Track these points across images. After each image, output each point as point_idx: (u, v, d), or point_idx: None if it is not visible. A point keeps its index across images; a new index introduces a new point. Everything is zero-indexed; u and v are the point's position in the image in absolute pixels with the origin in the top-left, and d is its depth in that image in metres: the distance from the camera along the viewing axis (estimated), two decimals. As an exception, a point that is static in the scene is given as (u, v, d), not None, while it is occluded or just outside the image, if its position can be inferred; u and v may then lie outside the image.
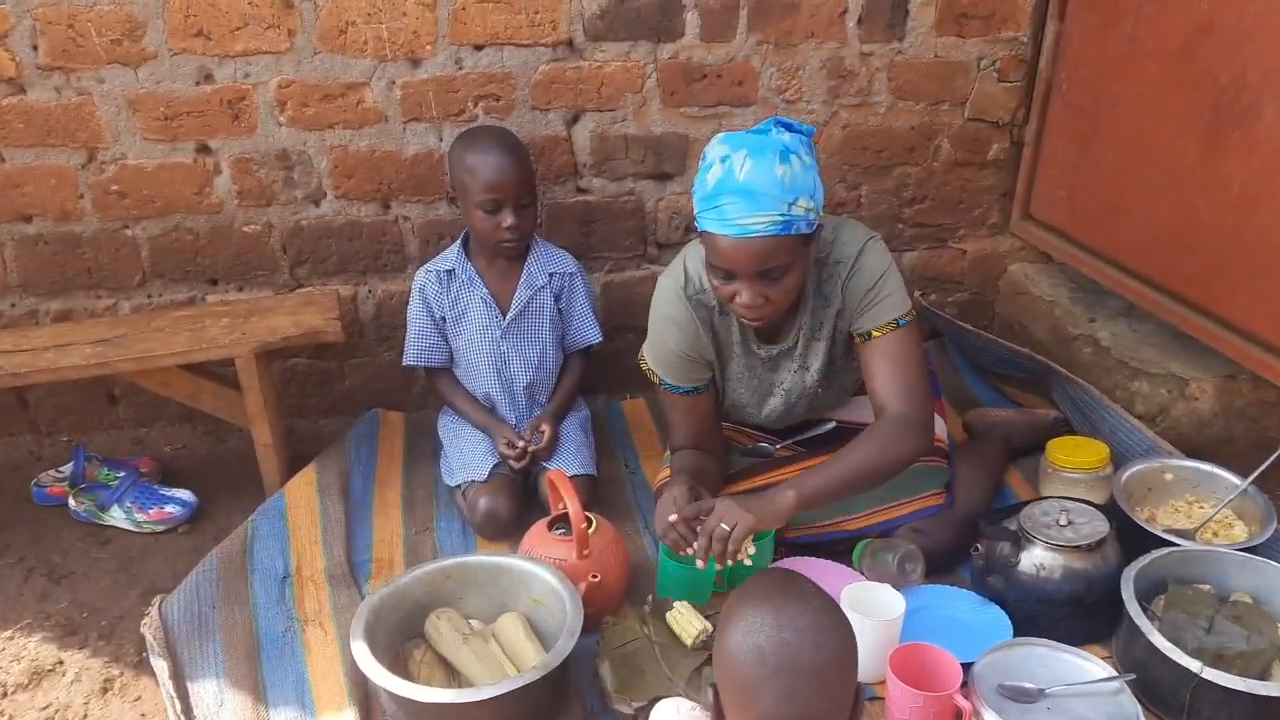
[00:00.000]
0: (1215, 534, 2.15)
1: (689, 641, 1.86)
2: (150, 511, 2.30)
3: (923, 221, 2.83)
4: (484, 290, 2.35)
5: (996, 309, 2.98)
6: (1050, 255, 2.86)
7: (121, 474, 2.36)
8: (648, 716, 1.70)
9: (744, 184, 1.80)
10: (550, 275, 2.39)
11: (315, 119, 2.44)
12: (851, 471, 1.97)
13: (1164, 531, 2.09)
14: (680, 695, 1.73)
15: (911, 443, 1.99)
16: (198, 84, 2.38)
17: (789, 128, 1.89)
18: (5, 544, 2.28)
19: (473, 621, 1.92)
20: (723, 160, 1.84)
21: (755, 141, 1.84)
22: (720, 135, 1.91)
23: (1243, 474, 2.14)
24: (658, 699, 1.72)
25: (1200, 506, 2.22)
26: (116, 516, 2.30)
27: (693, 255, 2.07)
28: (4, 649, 1.98)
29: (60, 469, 2.43)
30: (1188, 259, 2.32)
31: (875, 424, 2.01)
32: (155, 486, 2.36)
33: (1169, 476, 2.26)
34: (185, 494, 2.35)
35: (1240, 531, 2.14)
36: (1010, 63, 2.67)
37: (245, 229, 2.53)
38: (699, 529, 1.89)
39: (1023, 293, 2.87)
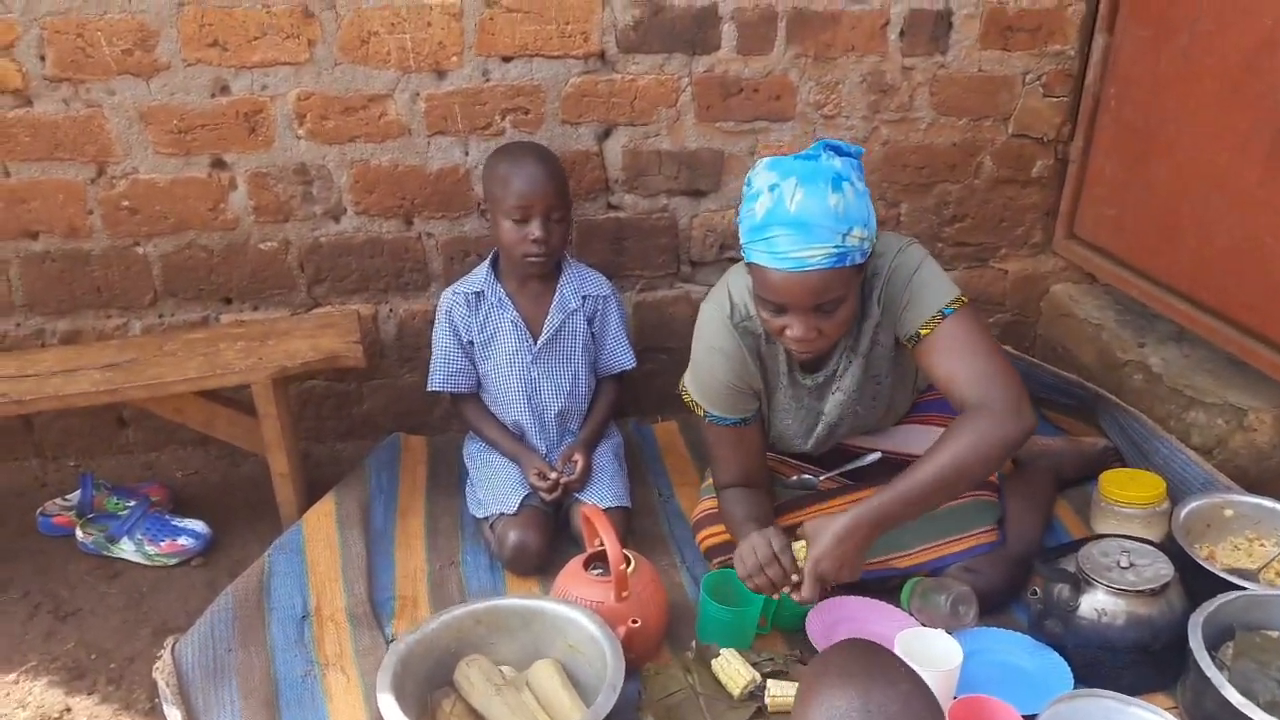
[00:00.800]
0: (1279, 574, 2.05)
1: (736, 693, 1.76)
2: (162, 544, 2.19)
3: (963, 240, 2.73)
4: (515, 313, 2.25)
5: (1038, 331, 2.88)
6: (1094, 276, 2.76)
7: (131, 503, 2.26)
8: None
9: (796, 215, 1.69)
10: (584, 298, 2.29)
11: (335, 132, 2.34)
12: (940, 471, 1.75)
13: (1225, 572, 1.99)
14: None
15: (1004, 428, 1.76)
16: (212, 96, 2.27)
17: (838, 151, 1.79)
18: (8, 578, 2.17)
19: (504, 669, 1.81)
20: (771, 189, 1.73)
21: (805, 169, 1.73)
22: (766, 160, 1.80)
23: (1308, 510, 2.05)
24: (706, 756, 1.63)
25: (1261, 544, 2.13)
26: (127, 549, 2.20)
27: (736, 281, 1.96)
28: (9, 694, 1.88)
29: (67, 497, 2.33)
30: (1247, 284, 2.22)
31: (955, 421, 1.80)
32: (167, 517, 2.26)
33: (1229, 513, 2.16)
34: (198, 525, 2.25)
35: (1307, 572, 2.05)
36: (1056, 77, 2.58)
37: (261, 246, 2.43)
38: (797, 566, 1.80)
39: (1066, 315, 2.76)
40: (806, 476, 2.18)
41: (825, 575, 1.79)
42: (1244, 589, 1.91)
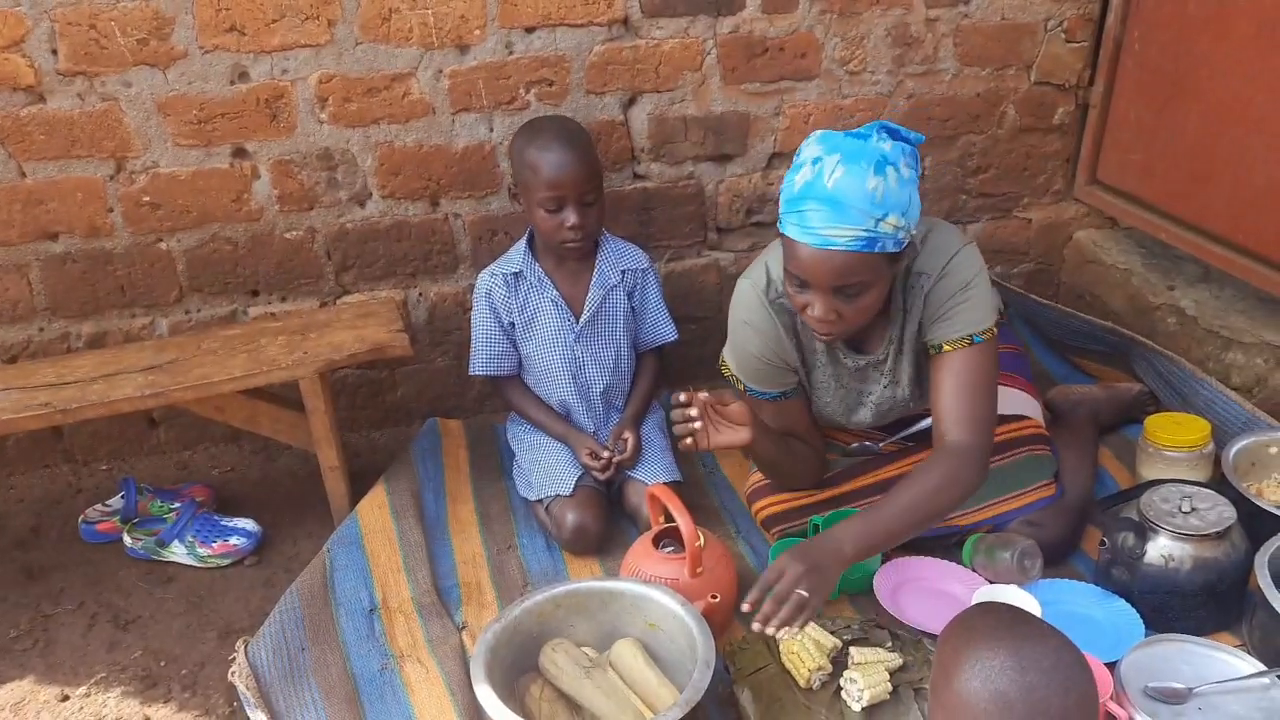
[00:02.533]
0: (1326, 507, 2.09)
1: (802, 681, 1.72)
2: (214, 545, 2.16)
3: (987, 192, 2.72)
4: (554, 293, 2.22)
5: (1062, 278, 2.89)
6: (1117, 220, 2.76)
7: (177, 505, 2.22)
8: (794, 748, 1.62)
9: (831, 192, 1.67)
10: (623, 273, 2.26)
11: (359, 115, 2.28)
12: (908, 511, 1.77)
13: (1276, 508, 2.02)
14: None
15: (971, 479, 1.81)
16: (232, 83, 2.21)
17: (893, 134, 1.76)
18: (59, 588, 2.14)
19: (587, 650, 1.81)
20: (814, 162, 1.71)
21: (852, 147, 1.70)
22: (818, 134, 1.77)
23: (1349, 444, 2.08)
24: (807, 730, 1.64)
25: (1305, 479, 2.16)
26: (178, 552, 2.16)
27: (774, 257, 1.94)
28: (82, 707, 1.85)
29: (107, 503, 2.29)
30: (1286, 224, 2.23)
31: (934, 456, 1.83)
32: (216, 517, 2.22)
33: (1274, 450, 2.18)
34: (249, 523, 2.21)
35: (1352, 505, 2.08)
36: (1078, 22, 2.56)
37: (287, 235, 2.37)
38: (770, 592, 1.64)
39: (1092, 261, 2.77)
40: (867, 444, 2.18)
41: (805, 608, 1.63)
42: (1301, 525, 1.94)
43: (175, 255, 2.34)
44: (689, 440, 1.86)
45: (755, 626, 1.61)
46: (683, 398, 1.85)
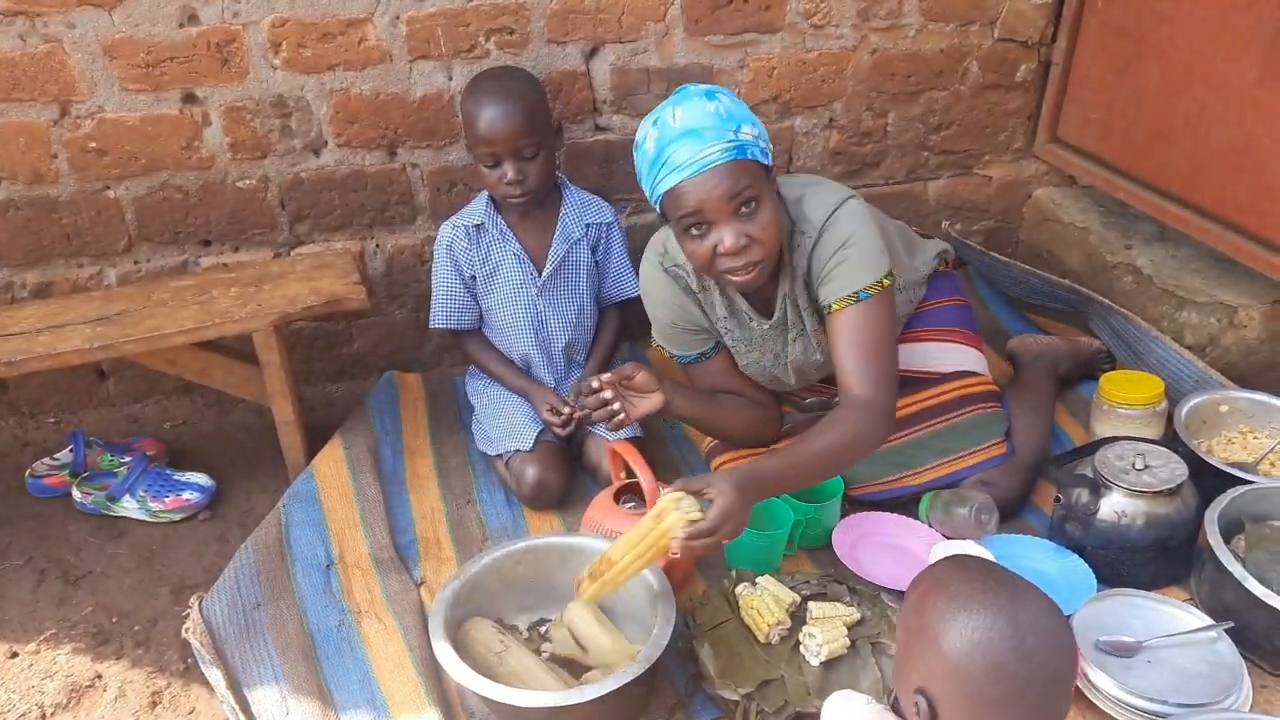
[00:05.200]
0: (1274, 465, 2.13)
1: (761, 637, 1.74)
2: (166, 499, 2.12)
3: (949, 149, 2.72)
4: (517, 246, 2.19)
5: (1021, 236, 2.90)
6: (1076, 179, 2.78)
7: (128, 459, 2.18)
8: (752, 703, 1.63)
9: (682, 128, 1.74)
10: (587, 226, 2.23)
11: (313, 61, 2.22)
12: (808, 462, 1.76)
13: (1228, 466, 2.06)
14: (783, 677, 1.66)
15: (874, 433, 1.82)
16: (181, 26, 2.13)
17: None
18: (6, 543, 2.09)
19: (521, 621, 1.83)
20: (655, 123, 1.79)
21: (676, 98, 1.80)
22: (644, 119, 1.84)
23: (1292, 400, 2.12)
24: (765, 683, 1.65)
25: (1255, 437, 2.20)
26: (129, 507, 2.12)
27: (668, 234, 1.97)
28: (31, 664, 1.82)
29: (55, 456, 2.24)
30: (1241, 184, 2.24)
31: (837, 411, 1.83)
32: (168, 471, 2.18)
33: (1224, 408, 2.22)
34: (201, 478, 2.18)
35: (1300, 461, 2.13)
36: (1043, -21, 2.55)
37: (239, 184, 2.31)
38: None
39: (1051, 219, 2.79)
40: (823, 398, 2.18)
41: (721, 538, 1.61)
42: (1251, 482, 1.98)
43: (124, 203, 2.27)
44: (619, 419, 1.89)
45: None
46: (593, 384, 1.90)
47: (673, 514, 1.58)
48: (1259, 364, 2.36)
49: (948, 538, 2.01)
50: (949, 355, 2.23)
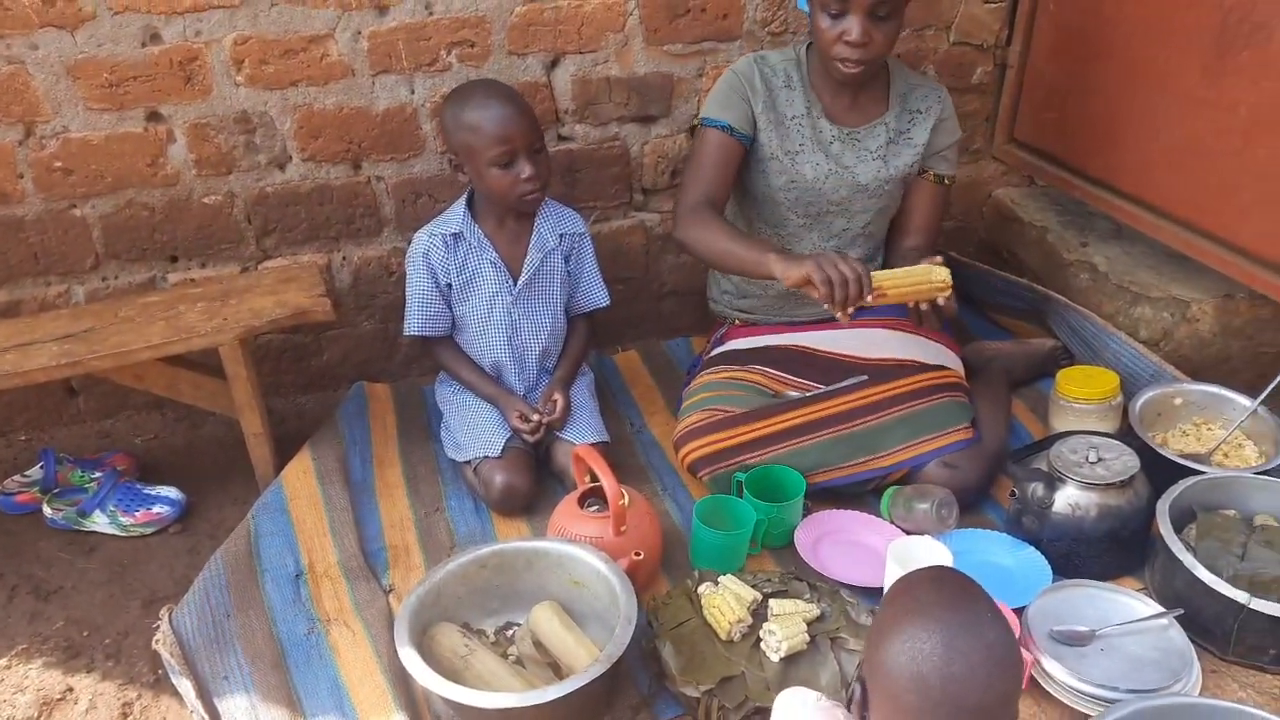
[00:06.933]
0: (1226, 455, 2.18)
1: (723, 634, 1.77)
2: (137, 514, 2.14)
3: (908, 151, 2.76)
4: (494, 254, 2.21)
5: (981, 235, 2.95)
6: (1034, 179, 2.83)
7: (98, 474, 2.20)
8: (714, 699, 1.66)
9: None
10: (561, 236, 2.26)
11: (276, 77, 2.25)
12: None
13: (1180, 457, 2.10)
14: (744, 674, 1.69)
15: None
16: (143, 45, 2.16)
17: None
18: (-22, 561, 2.11)
19: (488, 626, 1.86)
20: None
21: None
22: None
23: (1243, 392, 2.17)
24: (726, 679, 1.68)
25: (1208, 428, 2.25)
26: (100, 521, 2.14)
27: (773, 54, 2.28)
28: (2, 679, 1.83)
29: (26, 474, 2.25)
30: (1189, 182, 2.29)
31: (912, 250, 2.31)
32: (138, 486, 2.20)
33: (1178, 401, 2.27)
34: (172, 491, 2.20)
35: (1251, 452, 2.17)
36: (995, -17, 2.60)
37: (205, 200, 2.34)
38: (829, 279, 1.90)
39: (1010, 218, 2.83)
40: (793, 394, 2.23)
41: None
42: (1202, 473, 2.03)
43: (90, 221, 2.29)
44: None
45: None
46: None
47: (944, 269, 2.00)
48: (1212, 357, 2.41)
49: (908, 533, 2.04)
50: (933, 351, 2.32)
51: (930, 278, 2.01)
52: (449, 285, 2.23)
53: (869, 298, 1.93)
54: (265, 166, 2.34)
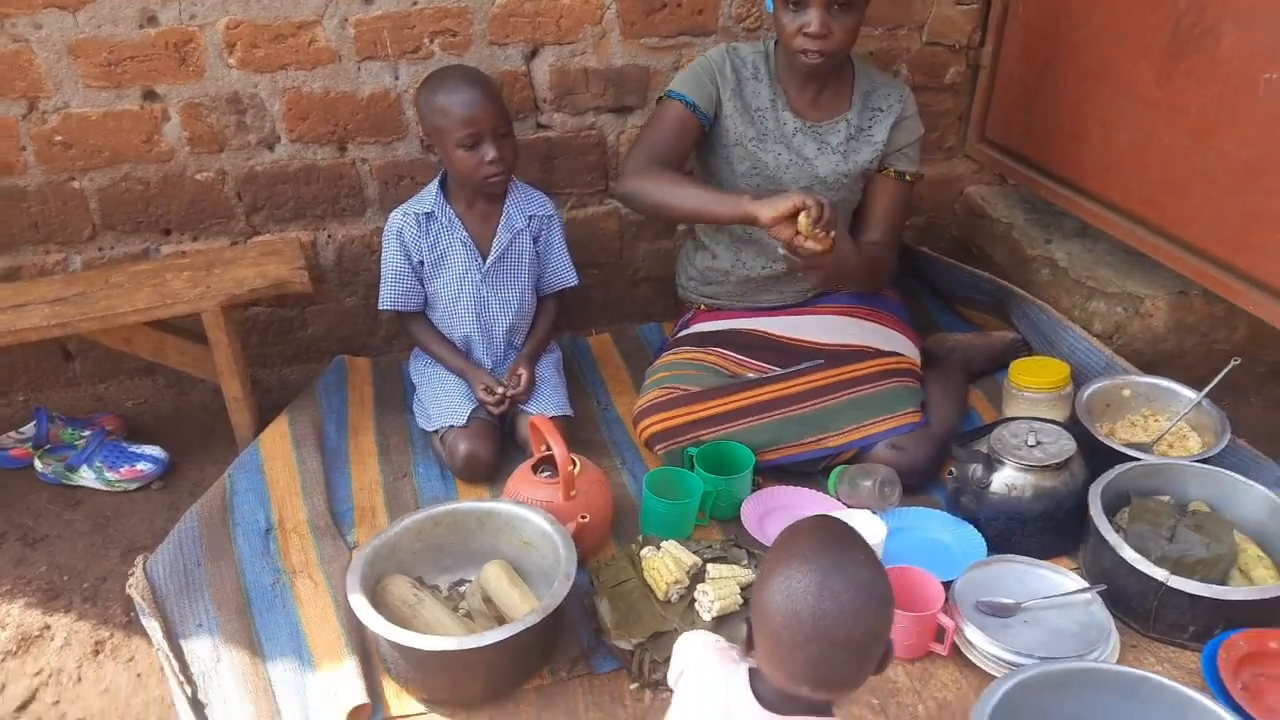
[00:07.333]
0: (1171, 446, 2.24)
1: (660, 594, 1.86)
2: (121, 470, 2.26)
3: (881, 147, 2.84)
4: (464, 233, 2.31)
5: (952, 231, 3.03)
6: (1005, 177, 2.90)
7: (87, 433, 2.32)
8: (645, 653, 1.75)
9: None
10: (530, 218, 2.36)
11: (266, 60, 2.36)
12: (859, 261, 2.21)
13: (1124, 446, 2.17)
14: (675, 630, 1.78)
15: (890, 266, 2.45)
16: (141, 27, 2.28)
17: None
18: (-28, 510, 2.24)
19: (442, 582, 1.96)
20: None
21: None
22: None
23: (1195, 387, 2.23)
24: (657, 634, 1.77)
25: (1156, 420, 2.31)
26: (86, 477, 2.26)
27: (745, 46, 2.35)
28: (-14, 617, 1.95)
29: (21, 430, 2.37)
30: (1145, 180, 2.36)
31: (865, 245, 2.37)
32: (124, 444, 2.32)
33: (1127, 393, 2.34)
34: (155, 450, 2.31)
35: (1195, 443, 2.23)
36: (966, -15, 2.68)
37: (197, 177, 2.46)
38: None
39: (980, 215, 2.91)
40: (751, 375, 2.31)
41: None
42: (1139, 460, 2.10)
43: (88, 194, 2.42)
44: None
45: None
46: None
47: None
48: (1166, 352, 2.47)
49: (849, 507, 2.12)
50: (887, 338, 2.40)
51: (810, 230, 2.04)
52: (421, 262, 2.33)
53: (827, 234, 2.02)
54: (255, 146, 2.45)
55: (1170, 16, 2.22)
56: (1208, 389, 2.21)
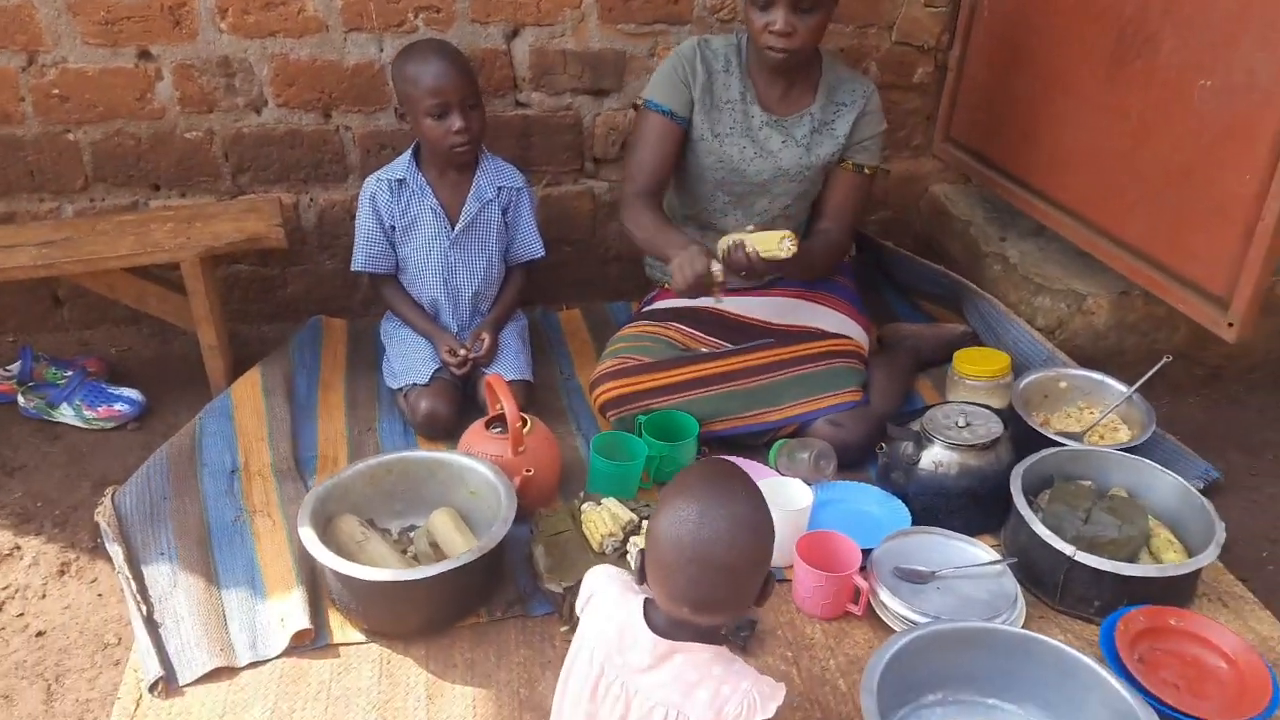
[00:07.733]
0: (1102, 436, 2.34)
1: (594, 545, 1.96)
2: (99, 409, 2.38)
3: (849, 142, 2.95)
4: (434, 201, 2.42)
5: (916, 227, 3.13)
6: (968, 176, 3.00)
7: (69, 373, 2.43)
8: (574, 596, 1.86)
9: None
10: (499, 189, 2.46)
11: (256, 27, 2.48)
12: (807, 251, 2.28)
13: (1056, 434, 2.27)
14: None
15: (845, 250, 2.60)
16: (137, -12, 2.40)
17: None
18: (-44, 440, 2.35)
19: (393, 526, 2.07)
20: None
21: None
22: None
23: (1132, 384, 2.33)
24: (585, 579, 1.88)
25: (1091, 412, 2.41)
26: (66, 414, 2.38)
27: (718, 39, 2.43)
28: (-40, 537, 2.07)
29: (8, 368, 2.49)
30: (1090, 182, 2.46)
31: (822, 232, 2.50)
32: (103, 385, 2.44)
33: (1063, 385, 2.43)
34: (133, 393, 2.43)
35: (1125, 435, 2.33)
36: (936, -12, 2.78)
37: (187, 135, 2.57)
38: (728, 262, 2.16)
39: (942, 212, 3.01)
40: (703, 350, 2.42)
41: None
42: (1064, 445, 2.20)
43: (82, 146, 2.53)
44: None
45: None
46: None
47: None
48: (1106, 349, 2.57)
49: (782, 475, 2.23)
50: (836, 321, 2.50)
51: (777, 244, 2.16)
52: (393, 227, 2.44)
53: (716, 293, 2.15)
54: (243, 109, 2.57)
55: (1116, 24, 2.32)
56: (1139, 383, 2.30)
